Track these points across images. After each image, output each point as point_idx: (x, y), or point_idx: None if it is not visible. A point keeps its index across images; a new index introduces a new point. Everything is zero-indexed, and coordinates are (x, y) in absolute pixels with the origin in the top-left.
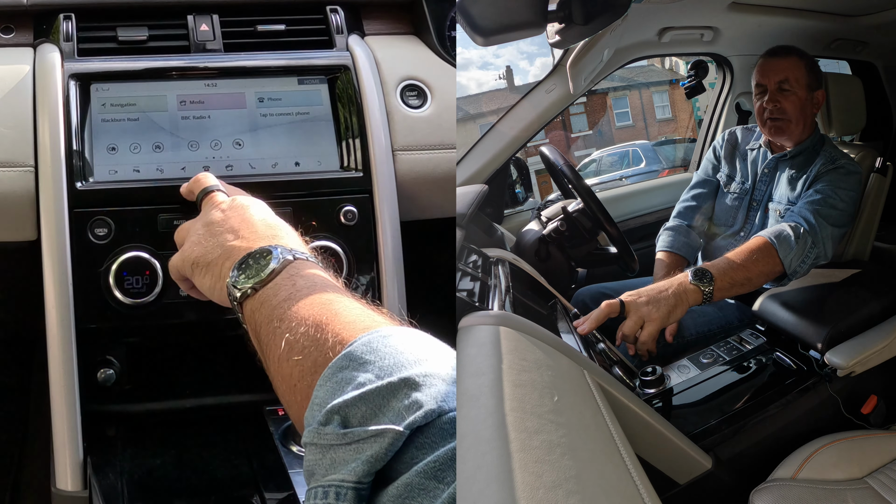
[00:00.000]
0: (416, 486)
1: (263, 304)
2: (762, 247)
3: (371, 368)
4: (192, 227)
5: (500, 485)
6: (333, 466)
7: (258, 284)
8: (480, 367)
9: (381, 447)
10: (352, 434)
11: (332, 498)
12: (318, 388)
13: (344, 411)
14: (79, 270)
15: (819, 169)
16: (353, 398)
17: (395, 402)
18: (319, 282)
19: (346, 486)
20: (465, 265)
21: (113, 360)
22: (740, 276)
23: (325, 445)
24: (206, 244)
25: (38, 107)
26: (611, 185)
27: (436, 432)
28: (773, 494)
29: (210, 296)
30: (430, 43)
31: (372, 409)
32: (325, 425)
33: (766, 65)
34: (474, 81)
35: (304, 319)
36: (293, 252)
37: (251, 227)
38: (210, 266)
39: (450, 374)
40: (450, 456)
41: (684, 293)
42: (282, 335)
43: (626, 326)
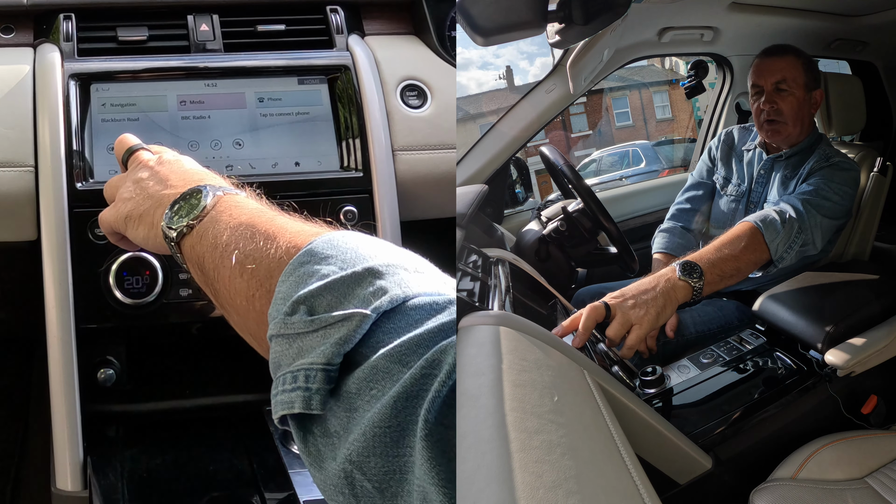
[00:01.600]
0: (381, 369)
1: (203, 236)
2: (748, 232)
3: (333, 262)
4: (120, 184)
5: (500, 485)
6: (301, 354)
7: (194, 220)
8: (480, 367)
9: (348, 330)
10: (319, 320)
11: (301, 381)
12: (281, 283)
13: (310, 301)
14: (79, 270)
15: (813, 165)
16: (319, 287)
17: (360, 289)
18: (255, 207)
19: (316, 368)
20: (465, 265)
21: (113, 360)
22: (729, 268)
23: (291, 335)
24: (136, 198)
25: (38, 107)
26: (611, 185)
27: (401, 318)
28: (773, 494)
29: (145, 245)
30: (430, 43)
31: (337, 298)
32: (291, 315)
33: (762, 65)
34: (474, 81)
35: (250, 237)
36: (223, 188)
37: (179, 175)
38: (142, 217)
39: (410, 265)
40: (414, 341)
41: (672, 290)
42: (230, 254)
43: (611, 331)
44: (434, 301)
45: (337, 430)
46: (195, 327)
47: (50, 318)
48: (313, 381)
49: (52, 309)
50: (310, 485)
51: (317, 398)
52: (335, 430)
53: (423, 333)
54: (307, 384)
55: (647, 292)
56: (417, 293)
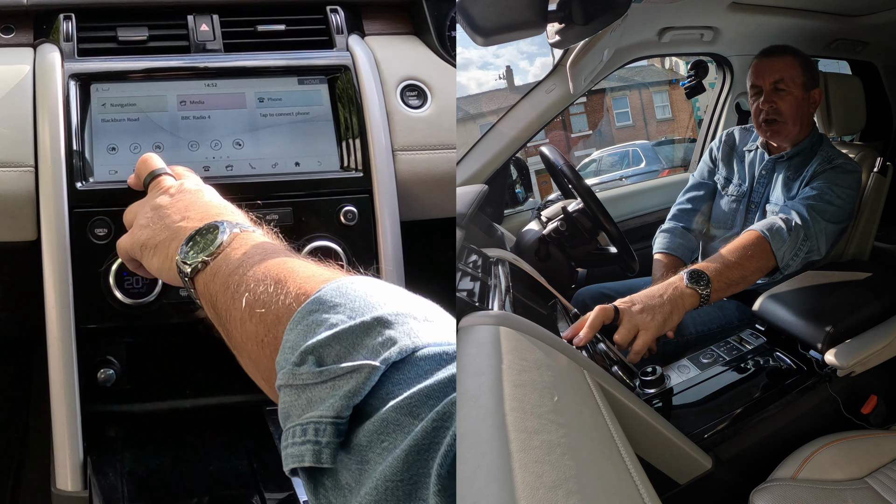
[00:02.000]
0: (392, 422)
1: (217, 275)
2: (755, 241)
3: (342, 310)
4: (140, 210)
5: (500, 485)
6: (310, 405)
7: (209, 257)
8: (480, 367)
9: (357, 382)
10: (328, 371)
11: (311, 434)
12: (289, 332)
13: (318, 351)
14: (79, 270)
15: (816, 168)
16: (327, 338)
17: (368, 339)
18: (270, 247)
19: (325, 422)
20: (465, 265)
21: (113, 360)
22: (736, 275)
23: (300, 385)
24: (153, 227)
25: (38, 107)
26: (611, 185)
27: (410, 368)
28: (773, 494)
29: (159, 276)
30: (430, 43)
31: (346, 348)
32: (299, 365)
33: (760, 65)
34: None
35: (261, 280)
36: (240, 225)
37: (198, 208)
38: (158, 247)
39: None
40: (424, 392)
41: (680, 298)
42: (241, 297)
43: (619, 335)
44: (444, 351)
45: (349, 482)
46: (195, 327)
47: (50, 318)
48: (323, 434)
49: (52, 309)
50: None
51: (327, 452)
52: (346, 483)
53: (434, 385)
54: (317, 437)
55: (655, 298)
56: (427, 343)
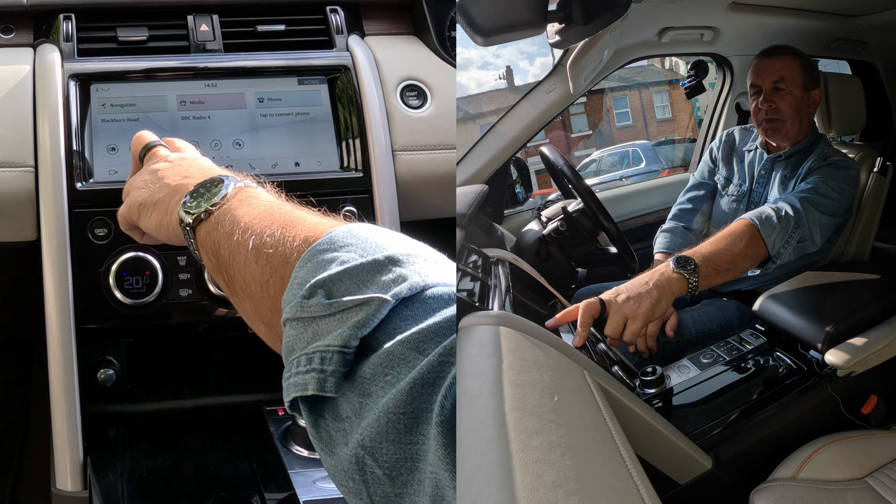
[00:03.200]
0: (398, 356)
1: (220, 223)
2: (744, 228)
3: (353, 249)
4: (137, 177)
5: (500, 485)
6: (316, 337)
7: (212, 206)
8: (480, 367)
9: (366, 314)
10: (337, 304)
11: (316, 363)
12: (298, 269)
13: (328, 285)
14: (79, 270)
15: (811, 165)
16: (338, 273)
17: (379, 276)
18: (274, 200)
19: (332, 350)
20: (465, 265)
21: (113, 360)
22: (724, 261)
23: (307, 318)
24: (152, 187)
25: (38, 107)
26: (611, 185)
27: (419, 305)
28: (773, 494)
29: (157, 234)
30: (430, 43)
31: (356, 283)
32: (308, 298)
33: (760, 65)
34: (474, 81)
35: (268, 225)
36: (244, 181)
37: (199, 170)
38: (157, 204)
39: (430, 256)
40: (432, 329)
41: (667, 283)
42: (247, 241)
43: (608, 328)
44: (452, 291)
45: (349, 415)
46: (195, 327)
47: (50, 318)
48: (329, 363)
49: (52, 309)
50: (310, 485)
51: (332, 380)
52: (347, 416)
53: (441, 322)
54: (322, 366)
55: (641, 286)
56: (436, 282)
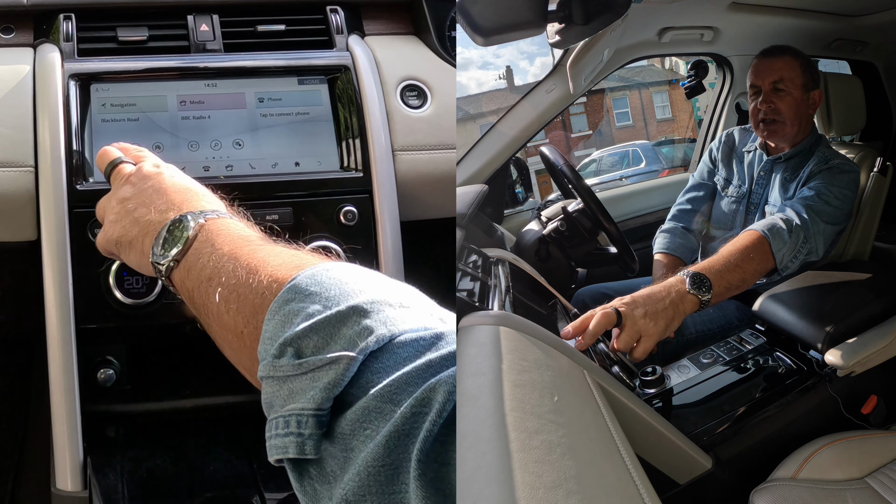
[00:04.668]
0: (373, 409)
1: (190, 271)
2: (756, 242)
3: (318, 299)
4: (107, 205)
5: (500, 485)
6: (292, 396)
7: (178, 255)
8: (480, 367)
9: (336, 373)
10: (307, 364)
11: (293, 426)
12: (267, 321)
13: (296, 343)
14: (79, 270)
15: (812, 169)
16: (305, 329)
17: (345, 329)
18: (237, 235)
19: (307, 414)
20: (465, 265)
21: (113, 360)
22: (736, 279)
23: (281, 377)
24: (122, 222)
25: (38, 107)
26: (611, 185)
27: (389, 356)
28: (773, 494)
29: (140, 271)
30: (430, 43)
31: (324, 339)
32: (279, 358)
33: (760, 65)
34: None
35: (232, 272)
36: (204, 214)
37: (164, 195)
38: (132, 244)
39: (395, 300)
40: (403, 379)
41: (681, 303)
42: (214, 291)
43: (621, 341)
44: (420, 337)
45: (334, 470)
46: (195, 327)
47: (50, 318)
48: (305, 426)
49: (52, 309)
50: None
51: (310, 443)
52: (331, 471)
53: (412, 371)
54: (299, 429)
55: (658, 302)
56: (403, 330)
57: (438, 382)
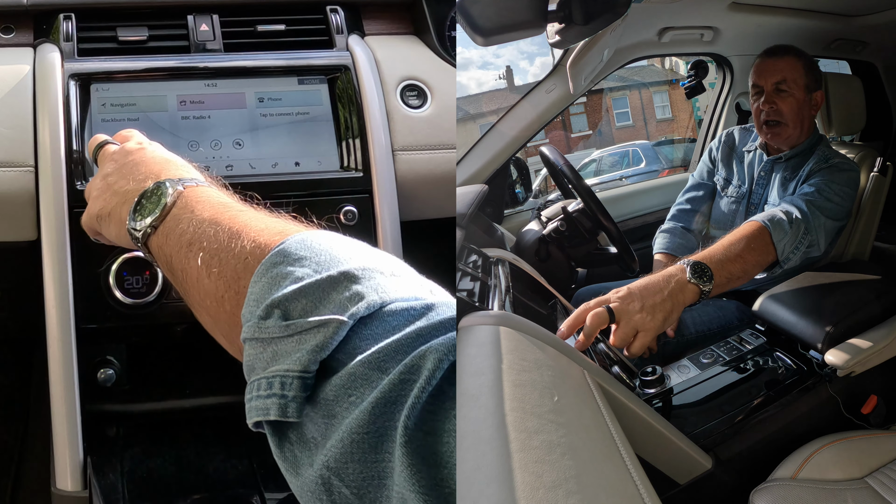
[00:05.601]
0: (360, 376)
1: (168, 237)
2: (756, 232)
3: (307, 263)
4: (92, 184)
5: (500, 485)
6: (276, 359)
7: (156, 221)
8: (480, 367)
9: (324, 336)
10: (294, 325)
11: (276, 388)
12: (253, 284)
13: (284, 305)
14: (79, 270)
15: (812, 167)
16: (293, 291)
17: (335, 294)
18: (217, 201)
19: (292, 376)
20: (465, 265)
21: (113, 360)
22: (737, 269)
23: (266, 339)
24: (104, 195)
25: (38, 107)
26: (611, 185)
27: (378, 323)
28: (773, 494)
29: (120, 243)
30: (430, 43)
31: (313, 302)
32: (265, 319)
33: (762, 65)
34: (474, 81)
35: (213, 237)
36: (182, 182)
37: (142, 166)
38: (111, 215)
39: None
40: (392, 347)
41: (681, 293)
42: (195, 256)
43: (617, 338)
44: (411, 306)
45: (314, 436)
46: (196, 327)
47: (50, 318)
48: (289, 388)
49: (52, 309)
50: None
51: (293, 406)
52: (312, 437)
53: (402, 339)
54: (283, 391)
55: (656, 294)
56: (394, 298)
57: (428, 350)
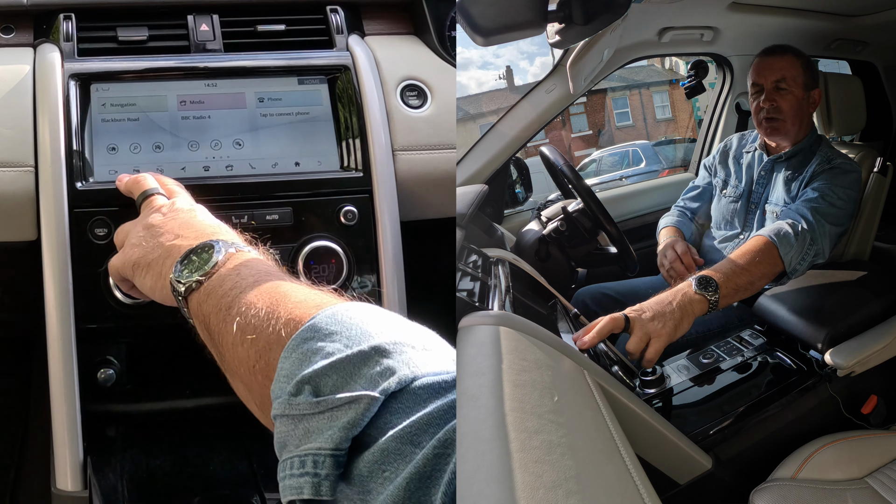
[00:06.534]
0: (393, 451)
1: (210, 295)
2: (763, 247)
3: (338, 339)
4: (132, 229)
5: (500, 485)
6: (307, 436)
7: (203, 276)
8: (480, 367)
9: (356, 413)
10: (325, 402)
11: (309, 466)
12: (283, 360)
13: (315, 381)
14: (79, 270)
15: (815, 169)
16: (324, 367)
17: (366, 369)
18: (263, 269)
19: (324, 454)
20: (465, 265)
21: (113, 360)
22: (744, 281)
23: (297, 416)
24: (146, 245)
25: (38, 107)
26: (611, 185)
27: (409, 397)
28: (773, 494)
29: (152, 296)
30: (430, 43)
31: (343, 378)
32: (295, 395)
33: (762, 64)
34: (474, 81)
35: (252, 304)
36: (235, 245)
37: (192, 228)
38: (151, 266)
39: (418, 343)
40: (424, 420)
41: (689, 304)
42: (232, 320)
43: (631, 344)
44: (443, 380)
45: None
46: (195, 327)
47: (50, 318)
48: (322, 466)
49: (52, 309)
50: None
51: (326, 484)
52: None
53: (434, 412)
54: (315, 469)
55: (665, 305)
56: (425, 373)
57: None
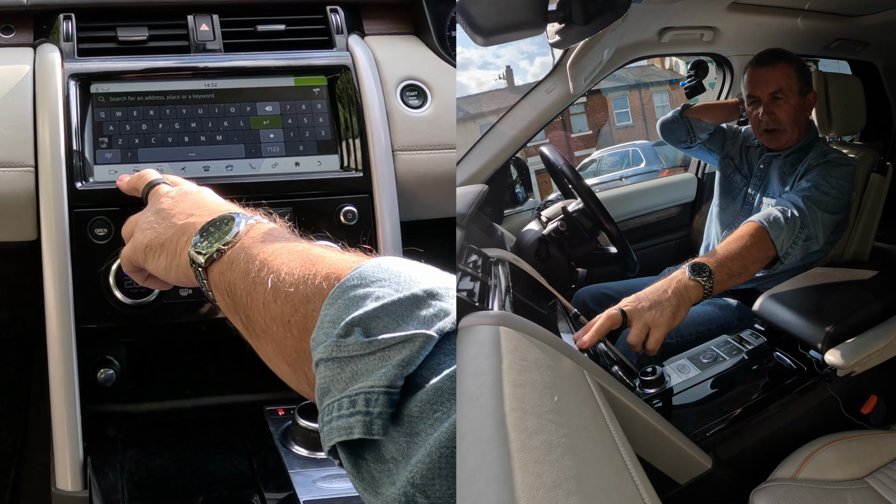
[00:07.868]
0: (447, 391)
1: (234, 262)
2: (754, 231)
3: (387, 284)
4: (140, 218)
5: (500, 485)
6: (355, 378)
7: (225, 246)
8: (480, 367)
9: (411, 351)
10: (377, 342)
11: (360, 405)
12: (327, 307)
13: (365, 323)
14: (79, 270)
15: (810, 163)
16: (375, 309)
17: (420, 311)
18: (288, 236)
19: (377, 391)
20: (465, 265)
21: (113, 360)
22: (737, 266)
23: (345, 358)
24: (157, 227)
25: (38, 107)
26: (611, 185)
27: None
28: (773, 494)
29: (166, 277)
30: (430, 43)
31: (395, 321)
32: (344, 337)
33: (755, 75)
34: (474, 81)
35: (286, 263)
36: (255, 218)
37: (204, 206)
38: (165, 245)
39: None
40: None
41: (685, 291)
42: (264, 280)
43: (632, 336)
44: None
45: (394, 455)
46: (195, 327)
47: (50, 318)
48: (374, 404)
49: (52, 309)
50: (310, 484)
51: (378, 422)
52: (392, 456)
53: None
54: (368, 408)
55: (661, 294)
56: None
57: None
